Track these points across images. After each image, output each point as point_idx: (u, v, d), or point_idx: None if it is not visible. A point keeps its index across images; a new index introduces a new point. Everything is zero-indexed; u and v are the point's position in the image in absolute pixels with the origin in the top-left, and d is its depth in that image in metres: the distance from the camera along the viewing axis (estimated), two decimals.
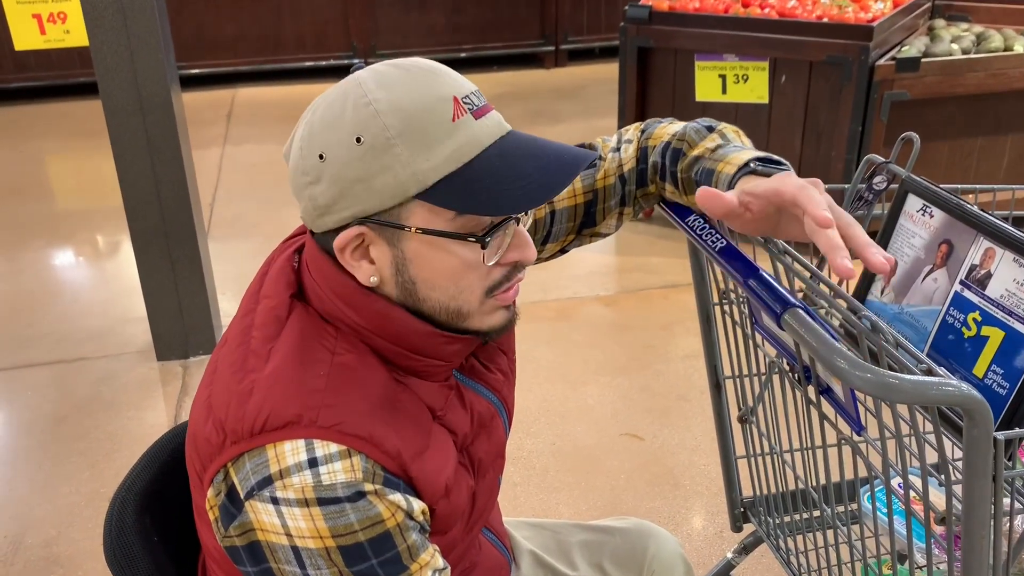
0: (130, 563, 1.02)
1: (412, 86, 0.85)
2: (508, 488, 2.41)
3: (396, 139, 0.83)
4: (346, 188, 0.85)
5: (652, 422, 2.70)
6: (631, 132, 1.16)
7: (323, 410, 0.84)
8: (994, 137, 3.60)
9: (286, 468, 0.82)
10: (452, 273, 0.88)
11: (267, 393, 0.85)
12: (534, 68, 6.62)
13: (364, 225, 0.86)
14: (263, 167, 4.81)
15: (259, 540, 0.84)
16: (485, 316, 0.92)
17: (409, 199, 0.84)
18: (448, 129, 0.84)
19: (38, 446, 2.64)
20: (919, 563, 1.34)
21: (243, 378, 0.87)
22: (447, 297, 0.89)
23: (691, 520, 2.30)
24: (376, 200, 0.85)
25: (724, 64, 3.59)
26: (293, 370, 0.86)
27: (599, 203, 1.15)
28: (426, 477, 0.89)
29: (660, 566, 1.30)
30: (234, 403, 0.85)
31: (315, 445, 0.83)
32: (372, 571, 0.84)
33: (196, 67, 6.07)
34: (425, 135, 0.83)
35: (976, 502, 0.86)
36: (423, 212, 0.85)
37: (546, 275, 3.61)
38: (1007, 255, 1.06)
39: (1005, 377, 1.03)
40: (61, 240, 4.01)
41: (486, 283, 0.90)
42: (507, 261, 0.90)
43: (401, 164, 0.83)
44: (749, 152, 1.00)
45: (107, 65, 2.67)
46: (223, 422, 0.85)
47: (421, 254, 0.87)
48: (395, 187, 0.84)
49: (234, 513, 0.84)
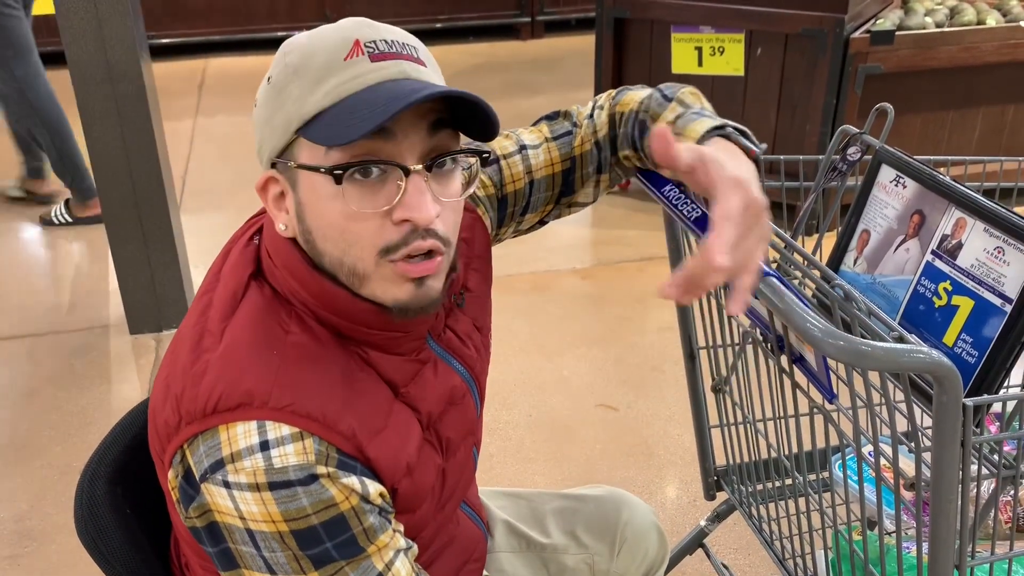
0: (101, 536, 1.01)
1: (326, 32, 0.85)
2: (484, 459, 2.42)
3: (292, 76, 0.83)
4: (262, 130, 0.87)
5: (627, 393, 2.71)
6: (603, 98, 1.16)
7: (275, 390, 0.83)
8: (966, 110, 3.63)
9: (237, 452, 0.81)
10: (334, 220, 0.84)
11: (220, 373, 0.84)
12: (510, 39, 6.57)
13: (273, 169, 0.87)
14: (236, 138, 4.75)
15: (217, 521, 0.84)
16: (387, 284, 0.86)
17: (294, 136, 0.84)
18: (338, 68, 0.82)
19: (9, 420, 2.61)
20: (888, 529, 1.36)
21: (198, 358, 0.86)
22: (338, 251, 0.85)
23: (665, 489, 2.33)
24: (275, 139, 0.85)
25: (700, 36, 3.58)
26: (245, 349, 0.85)
27: (577, 170, 1.14)
28: (385, 457, 0.88)
29: (633, 533, 1.32)
30: (189, 383, 0.84)
31: (267, 427, 0.82)
32: (327, 554, 0.84)
33: (167, 36, 5.96)
34: (316, 72, 0.82)
35: (945, 467, 0.87)
36: (306, 151, 0.84)
37: (522, 248, 3.60)
38: (978, 225, 1.07)
39: (974, 346, 1.05)
40: (31, 212, 3.95)
41: (378, 241, 0.84)
42: (397, 219, 0.83)
43: (292, 100, 0.83)
44: (708, 121, 0.96)
45: (74, 32, 2.62)
46: (179, 402, 0.84)
47: (309, 198, 0.85)
48: (285, 123, 0.84)
49: (192, 495, 0.84)
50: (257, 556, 0.84)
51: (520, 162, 1.12)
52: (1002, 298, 1.02)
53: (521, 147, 1.13)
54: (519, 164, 1.12)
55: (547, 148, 1.14)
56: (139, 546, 1.04)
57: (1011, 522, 1.44)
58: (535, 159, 1.13)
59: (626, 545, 1.31)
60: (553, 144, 1.14)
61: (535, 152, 1.13)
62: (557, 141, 1.14)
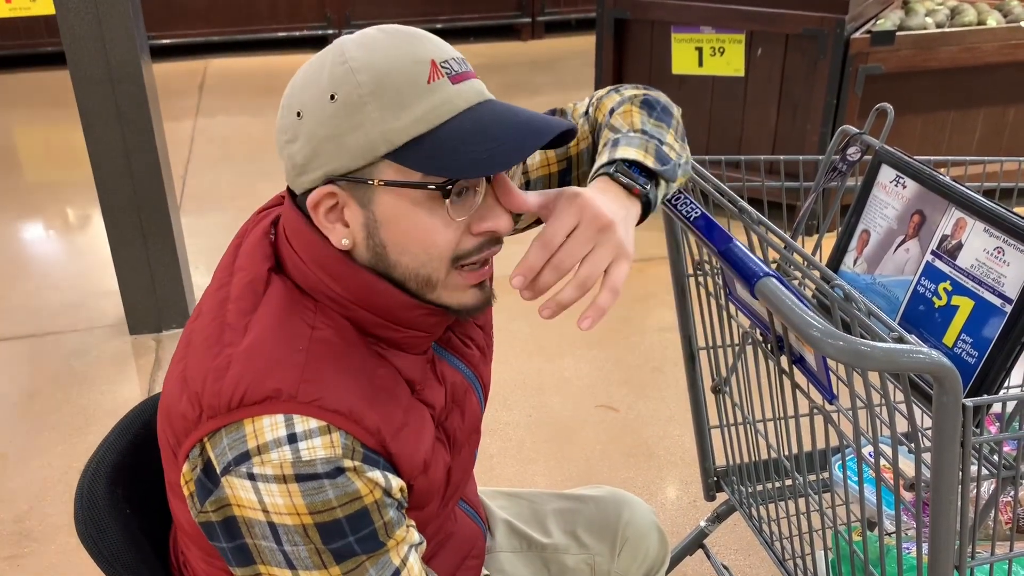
0: (101, 535, 1.01)
1: (390, 47, 0.84)
2: (484, 459, 2.42)
3: (368, 97, 0.82)
4: (319, 146, 0.84)
5: (627, 394, 2.71)
6: (600, 96, 1.16)
7: (303, 385, 0.83)
8: (966, 111, 3.63)
9: (264, 444, 0.81)
10: (421, 235, 0.86)
11: (245, 367, 0.83)
12: (510, 40, 6.57)
13: (335, 184, 0.86)
14: (236, 139, 4.75)
15: (235, 515, 0.83)
16: (456, 292, 0.91)
17: (378, 159, 0.84)
18: (422, 91, 0.83)
19: (9, 421, 2.61)
20: (888, 530, 1.36)
21: (220, 352, 0.85)
22: (417, 263, 0.87)
23: (665, 490, 2.33)
24: (347, 159, 0.84)
25: (700, 36, 3.58)
26: (272, 344, 0.85)
27: (573, 171, 1.14)
28: (405, 453, 0.89)
29: (634, 533, 1.32)
30: (211, 377, 0.84)
31: (295, 420, 0.82)
32: (349, 548, 0.84)
33: (167, 37, 5.97)
34: (398, 95, 0.82)
35: (945, 468, 0.87)
36: (391, 173, 0.84)
37: (522, 249, 3.59)
38: (978, 225, 1.07)
39: (974, 346, 1.04)
40: (30, 213, 3.95)
41: (455, 250, 0.88)
42: (479, 231, 0.88)
43: (372, 123, 0.82)
44: (604, 157, 0.98)
45: (74, 33, 2.62)
46: (199, 396, 0.84)
47: (390, 215, 0.86)
48: (365, 146, 0.83)
49: (210, 488, 0.84)
50: (277, 551, 0.83)
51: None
52: (1002, 298, 1.02)
53: None
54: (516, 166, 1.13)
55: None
56: (139, 546, 1.04)
57: (1011, 523, 1.44)
58: (531, 160, 1.13)
59: (627, 545, 1.31)
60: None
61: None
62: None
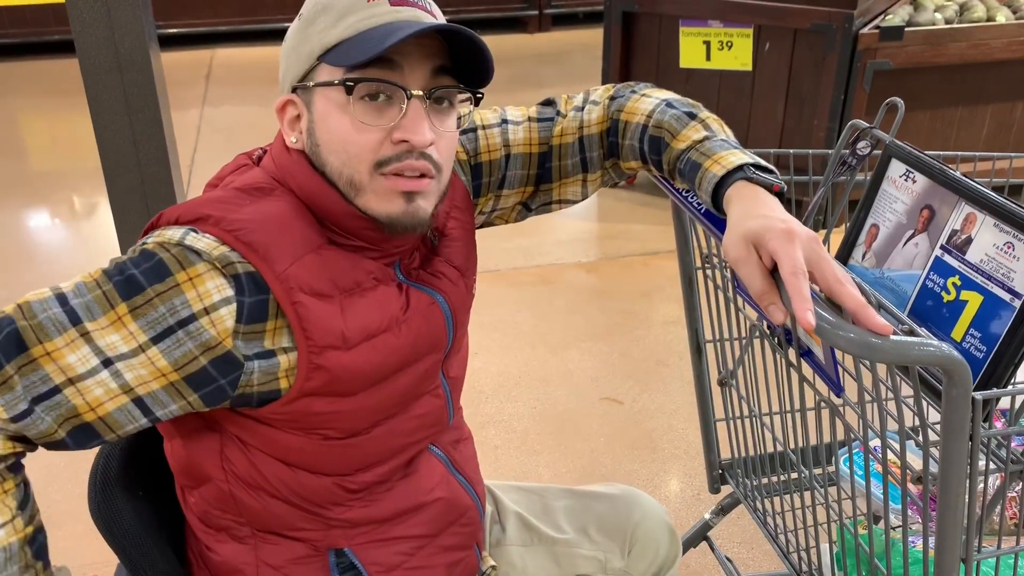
0: (115, 516, 1.02)
1: None
2: (489, 450, 2.43)
3: (320, 14, 0.94)
4: (287, 60, 0.99)
5: (632, 386, 2.72)
6: (599, 94, 1.17)
7: (232, 217, 0.92)
8: (975, 107, 3.62)
9: (160, 233, 0.93)
10: (340, 133, 0.94)
11: (200, 200, 0.95)
12: (517, 32, 6.57)
13: (293, 93, 0.97)
14: (243, 129, 4.75)
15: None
16: (380, 198, 0.94)
17: (315, 62, 0.95)
18: (360, 7, 0.93)
19: None
20: (894, 524, 1.36)
21: (194, 200, 0.97)
22: (339, 162, 0.95)
23: (669, 483, 2.33)
24: (298, 67, 0.96)
25: (708, 30, 3.58)
26: (232, 192, 0.96)
27: (554, 159, 1.17)
28: (312, 316, 0.92)
29: (645, 533, 1.30)
30: (172, 208, 0.96)
31: (195, 233, 0.91)
32: (126, 285, 0.90)
33: (174, 26, 5.97)
34: (342, 10, 0.93)
35: (953, 461, 0.88)
36: (325, 74, 0.94)
37: (528, 241, 3.61)
38: (988, 220, 1.07)
39: (983, 341, 1.05)
40: (38, 201, 3.96)
41: (375, 155, 0.93)
42: (396, 139, 0.93)
43: (317, 33, 0.94)
44: (738, 154, 1.00)
45: (83, 21, 2.62)
46: (159, 215, 0.96)
47: (321, 115, 0.95)
48: (308, 53, 0.95)
49: None
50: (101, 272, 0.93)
51: (499, 134, 1.16)
52: (1011, 293, 1.02)
53: (503, 120, 1.17)
54: (497, 136, 1.16)
55: (528, 127, 1.17)
56: (151, 528, 1.05)
57: (1017, 517, 1.44)
58: (514, 134, 1.16)
59: (637, 545, 1.30)
60: (535, 125, 1.17)
61: (515, 128, 1.17)
62: (539, 124, 1.17)
